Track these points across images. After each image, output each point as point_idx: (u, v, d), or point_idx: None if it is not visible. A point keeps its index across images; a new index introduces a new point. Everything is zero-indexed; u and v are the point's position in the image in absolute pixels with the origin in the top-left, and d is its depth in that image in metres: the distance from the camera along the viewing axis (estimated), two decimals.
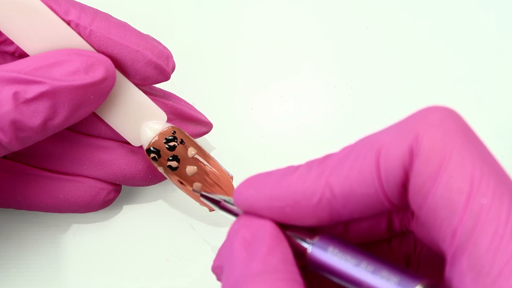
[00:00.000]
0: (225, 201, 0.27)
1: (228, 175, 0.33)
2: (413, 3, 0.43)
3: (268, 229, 0.23)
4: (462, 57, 0.41)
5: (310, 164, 0.23)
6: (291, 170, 0.23)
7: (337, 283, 0.22)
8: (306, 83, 0.41)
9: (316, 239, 0.23)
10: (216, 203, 0.27)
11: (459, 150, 0.20)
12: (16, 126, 0.28)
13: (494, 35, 0.42)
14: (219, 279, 0.26)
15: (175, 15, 0.42)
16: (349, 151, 0.22)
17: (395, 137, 0.21)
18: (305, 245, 0.23)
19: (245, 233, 0.23)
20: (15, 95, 0.27)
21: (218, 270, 0.25)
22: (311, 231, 0.24)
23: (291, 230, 0.24)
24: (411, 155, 0.20)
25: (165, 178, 0.35)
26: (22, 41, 0.30)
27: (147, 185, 0.35)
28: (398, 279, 0.21)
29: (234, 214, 0.26)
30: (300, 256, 0.23)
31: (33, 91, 0.28)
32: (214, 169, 0.33)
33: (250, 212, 0.24)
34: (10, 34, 0.30)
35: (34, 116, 0.28)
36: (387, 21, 0.42)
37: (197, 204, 0.33)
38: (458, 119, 0.21)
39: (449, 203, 0.19)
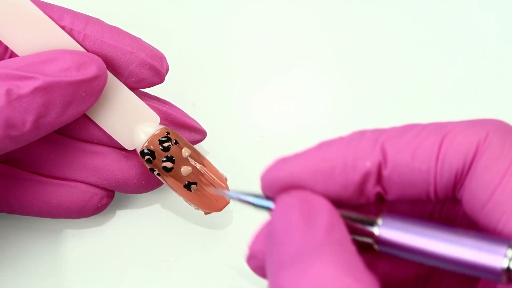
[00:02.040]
0: (256, 196, 0.24)
1: (223, 176, 0.33)
2: (413, 3, 0.43)
3: (325, 204, 0.21)
4: (462, 57, 0.41)
5: (362, 132, 0.22)
6: (336, 138, 0.22)
7: (411, 259, 0.21)
8: (306, 83, 0.41)
9: (379, 220, 0.21)
10: (249, 203, 0.24)
11: None
12: (9, 123, 0.27)
13: (494, 35, 0.42)
14: (256, 267, 0.24)
15: (174, 15, 0.42)
16: (410, 127, 0.22)
17: (466, 128, 0.21)
18: (368, 228, 0.21)
19: (303, 206, 0.21)
20: (8, 91, 0.27)
21: (259, 254, 0.23)
22: (366, 213, 0.22)
23: (345, 211, 0.22)
24: (477, 150, 0.20)
25: (158, 186, 0.35)
26: (16, 45, 0.30)
27: (140, 192, 0.35)
28: (484, 244, 0.20)
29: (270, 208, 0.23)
30: (358, 239, 0.22)
31: (26, 86, 0.28)
32: (208, 170, 0.33)
33: (291, 186, 0.22)
34: (3, 38, 0.30)
35: (27, 113, 0.28)
36: (387, 21, 0.42)
37: (192, 207, 0.33)
38: None
39: None
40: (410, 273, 0.24)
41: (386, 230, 0.21)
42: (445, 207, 0.24)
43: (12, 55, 0.30)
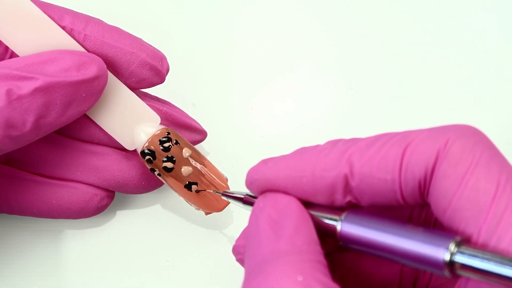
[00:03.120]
0: (248, 195, 0.27)
1: (223, 176, 0.33)
2: (413, 3, 0.43)
3: (293, 207, 0.23)
4: (462, 57, 0.41)
5: (335, 142, 0.24)
6: (311, 147, 0.24)
7: (371, 254, 0.23)
8: (306, 83, 0.41)
9: (343, 216, 0.23)
10: (240, 199, 0.28)
11: (487, 158, 0.21)
12: (9, 123, 0.27)
13: (494, 35, 0.42)
14: (239, 259, 0.26)
15: (174, 16, 0.42)
16: (377, 139, 0.23)
17: (427, 137, 0.22)
18: (333, 223, 0.23)
19: (271, 211, 0.23)
20: (8, 92, 0.27)
21: (240, 249, 0.26)
22: (334, 210, 0.24)
23: (315, 209, 0.24)
24: (437, 158, 0.21)
25: (159, 186, 0.35)
26: (16, 45, 0.30)
27: (140, 193, 0.35)
28: (430, 239, 0.21)
29: None
30: (325, 235, 0.23)
31: (26, 87, 0.28)
32: (209, 170, 0.33)
33: (267, 188, 0.24)
34: (4, 38, 0.30)
35: (27, 114, 0.28)
36: (387, 21, 0.42)
37: (193, 207, 0.33)
38: (485, 136, 0.22)
39: (475, 204, 0.20)
40: (394, 271, 0.25)
41: (347, 225, 0.23)
42: (423, 211, 0.25)
43: (13, 55, 0.30)
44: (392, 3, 0.43)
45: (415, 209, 0.26)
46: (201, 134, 0.36)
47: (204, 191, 0.33)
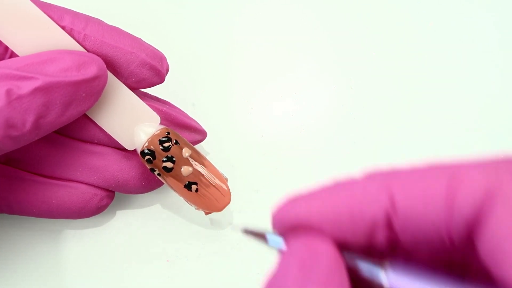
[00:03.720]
0: (270, 232, 0.24)
1: (223, 176, 0.33)
2: (413, 3, 0.43)
3: (328, 251, 0.21)
4: (462, 57, 0.41)
5: (373, 175, 0.21)
6: (347, 180, 0.21)
7: None
8: (306, 83, 0.41)
9: (387, 266, 0.20)
10: (261, 236, 0.24)
11: None
12: (9, 123, 0.27)
13: (494, 35, 0.42)
14: None
15: (173, 15, 0.42)
16: (421, 170, 0.20)
17: (478, 171, 0.19)
18: (378, 274, 0.20)
19: (303, 252, 0.21)
20: (8, 92, 0.27)
21: None
22: (372, 259, 0.21)
23: (353, 256, 0.21)
24: (489, 197, 0.19)
25: (159, 186, 0.35)
26: (16, 45, 0.30)
27: (140, 193, 0.35)
28: None
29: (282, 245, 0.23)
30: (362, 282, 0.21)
31: (26, 87, 0.27)
32: (208, 171, 0.33)
33: (298, 229, 0.22)
34: (3, 38, 0.30)
35: (27, 114, 0.28)
36: (387, 21, 0.42)
37: (193, 207, 0.33)
38: None
39: None
40: None
41: (394, 276, 0.20)
42: (465, 253, 0.22)
43: (12, 55, 0.30)
44: (392, 3, 0.43)
45: (455, 252, 0.23)
46: (201, 134, 0.36)
47: (203, 187, 0.33)
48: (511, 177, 0.19)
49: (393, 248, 0.22)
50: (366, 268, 0.21)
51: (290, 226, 0.22)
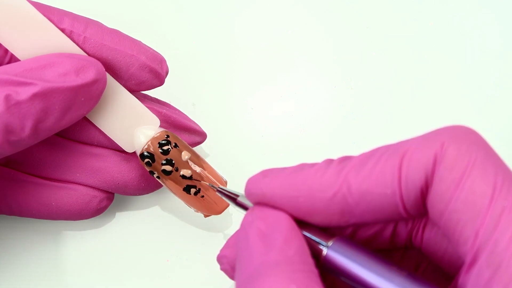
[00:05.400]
0: (242, 196, 0.27)
1: (222, 179, 0.33)
2: (413, 3, 0.43)
3: (283, 220, 0.23)
4: (462, 57, 0.41)
5: (330, 161, 0.23)
6: (308, 164, 0.24)
7: (349, 284, 0.23)
8: (306, 83, 0.41)
9: (331, 242, 0.23)
10: (233, 199, 0.28)
11: (482, 159, 0.21)
12: (8, 129, 0.27)
13: (494, 35, 0.42)
14: (223, 269, 0.26)
15: (173, 18, 0.42)
16: (371, 154, 0.23)
17: (421, 144, 0.22)
18: (320, 246, 0.23)
19: (260, 224, 0.23)
20: (7, 97, 0.27)
21: (224, 259, 0.26)
22: (325, 233, 0.24)
23: (306, 229, 0.24)
24: (435, 162, 0.21)
25: (158, 188, 0.35)
26: (16, 48, 0.30)
27: (139, 194, 0.35)
28: (412, 286, 0.21)
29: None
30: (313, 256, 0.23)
31: (24, 92, 0.28)
32: (208, 173, 0.33)
33: (263, 202, 0.24)
34: (3, 40, 0.30)
35: (26, 119, 0.28)
36: (387, 21, 0.42)
37: (192, 209, 0.33)
38: (480, 136, 0.22)
39: (472, 206, 0.20)
40: None
41: (333, 252, 0.23)
42: (416, 253, 0.25)
43: (12, 57, 0.30)
44: (392, 3, 0.43)
45: (408, 251, 0.26)
46: (201, 136, 0.36)
47: (203, 190, 0.33)
48: (453, 141, 0.21)
49: (346, 227, 0.25)
50: (312, 242, 0.23)
51: (257, 201, 0.24)
